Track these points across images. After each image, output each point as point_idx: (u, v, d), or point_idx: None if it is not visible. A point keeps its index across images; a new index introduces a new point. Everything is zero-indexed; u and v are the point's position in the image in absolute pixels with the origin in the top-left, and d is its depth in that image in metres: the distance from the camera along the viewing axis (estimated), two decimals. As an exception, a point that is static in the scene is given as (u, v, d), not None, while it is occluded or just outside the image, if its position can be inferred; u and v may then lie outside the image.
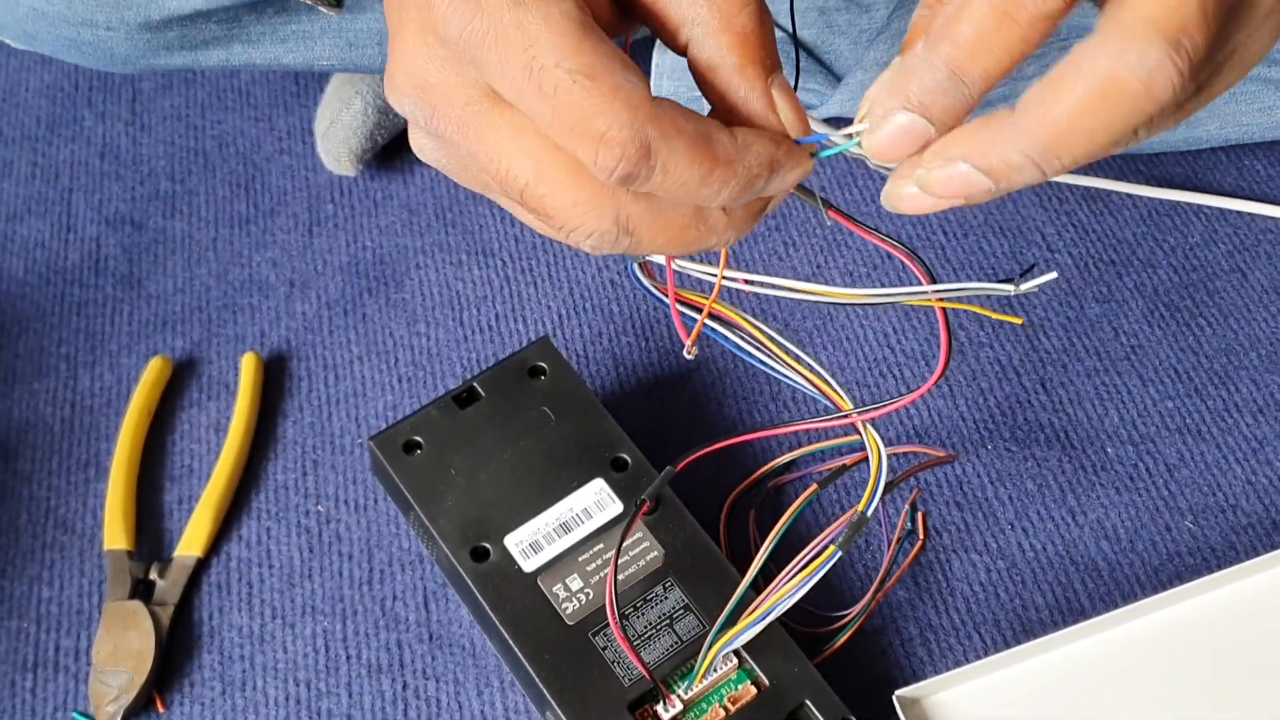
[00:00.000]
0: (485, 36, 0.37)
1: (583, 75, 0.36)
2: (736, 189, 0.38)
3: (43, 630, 0.63)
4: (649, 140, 0.36)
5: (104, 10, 0.68)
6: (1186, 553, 0.64)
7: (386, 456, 0.62)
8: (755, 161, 0.38)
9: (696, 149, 0.37)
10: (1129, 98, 0.34)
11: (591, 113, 0.36)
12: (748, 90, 0.39)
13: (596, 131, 0.36)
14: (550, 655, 0.57)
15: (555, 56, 0.36)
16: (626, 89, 0.36)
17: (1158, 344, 0.71)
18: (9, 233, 0.79)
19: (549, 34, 0.36)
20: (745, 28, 0.39)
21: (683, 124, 0.37)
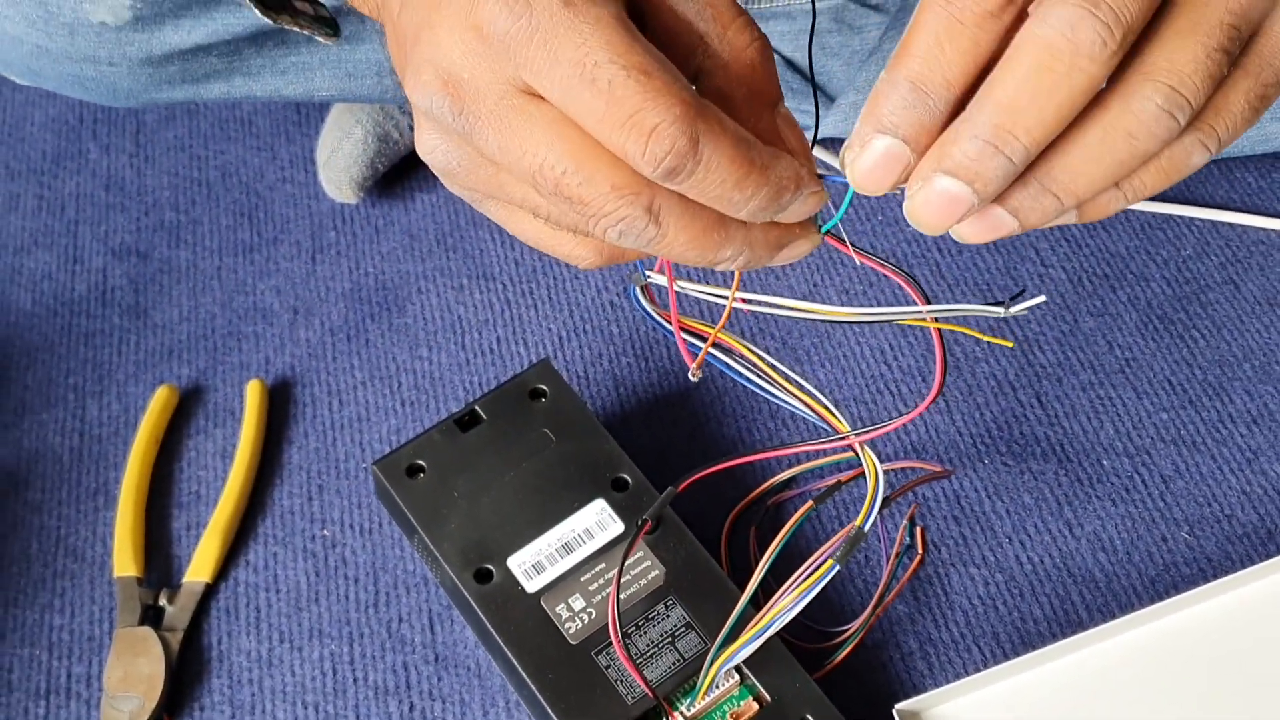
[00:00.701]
0: (535, 34, 0.38)
1: (637, 71, 0.37)
2: (765, 199, 0.39)
3: (55, 657, 0.64)
4: (698, 136, 0.37)
5: (106, 46, 0.69)
6: (1183, 563, 0.65)
7: (390, 480, 0.63)
8: (784, 174, 0.39)
9: (738, 150, 0.38)
10: (1060, 58, 0.35)
11: (645, 106, 0.37)
12: (755, 121, 0.40)
13: (649, 124, 0.37)
14: (554, 675, 0.58)
15: (609, 54, 0.37)
16: (677, 87, 0.37)
17: (1152, 356, 0.72)
18: (16, 265, 0.80)
19: (602, 33, 0.37)
20: (752, 60, 0.40)
21: (728, 124, 0.38)
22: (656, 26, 0.41)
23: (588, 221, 0.40)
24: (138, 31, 0.68)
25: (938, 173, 0.37)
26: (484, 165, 0.42)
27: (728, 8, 0.40)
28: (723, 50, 0.40)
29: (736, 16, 0.40)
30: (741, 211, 0.40)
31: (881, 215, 0.79)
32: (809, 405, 0.65)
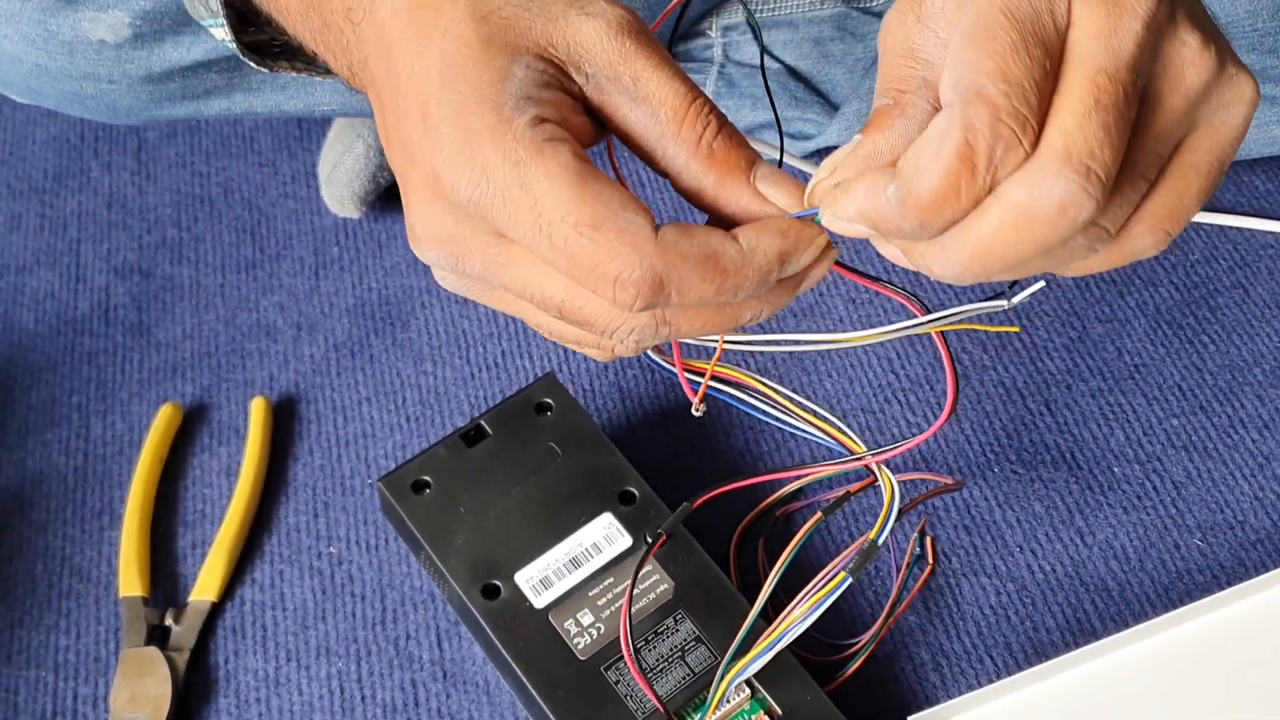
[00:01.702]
0: (493, 200, 0.40)
1: (587, 227, 0.39)
2: (752, 287, 0.41)
3: (61, 679, 0.64)
4: (659, 274, 0.39)
5: (106, 64, 0.69)
6: (1196, 570, 0.64)
7: (396, 497, 0.63)
8: (764, 261, 0.40)
9: (704, 269, 0.40)
10: (1045, 222, 0.37)
11: (602, 260, 0.39)
12: (735, 199, 0.42)
13: (610, 275, 0.39)
14: (564, 691, 0.57)
15: (560, 212, 0.39)
16: (631, 230, 0.39)
17: (1161, 362, 0.72)
18: (19, 285, 0.80)
19: (551, 191, 0.39)
20: (712, 147, 0.41)
21: (688, 249, 0.40)
22: (621, 138, 0.42)
23: (601, 338, 0.43)
24: (137, 49, 0.68)
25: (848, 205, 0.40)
26: (496, 292, 0.45)
27: (676, 104, 0.41)
28: (681, 149, 0.41)
29: (686, 110, 0.41)
30: (736, 301, 0.41)
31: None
32: (821, 429, 0.65)
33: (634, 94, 0.41)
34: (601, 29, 0.41)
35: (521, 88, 0.40)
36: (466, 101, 0.40)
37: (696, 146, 0.41)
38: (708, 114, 0.42)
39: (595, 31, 0.41)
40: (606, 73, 0.41)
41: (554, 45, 0.41)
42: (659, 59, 0.42)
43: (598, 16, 0.41)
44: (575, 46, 0.41)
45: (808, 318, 0.75)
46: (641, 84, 0.41)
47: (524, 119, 0.40)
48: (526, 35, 0.41)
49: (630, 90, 0.41)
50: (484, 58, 0.40)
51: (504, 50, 0.41)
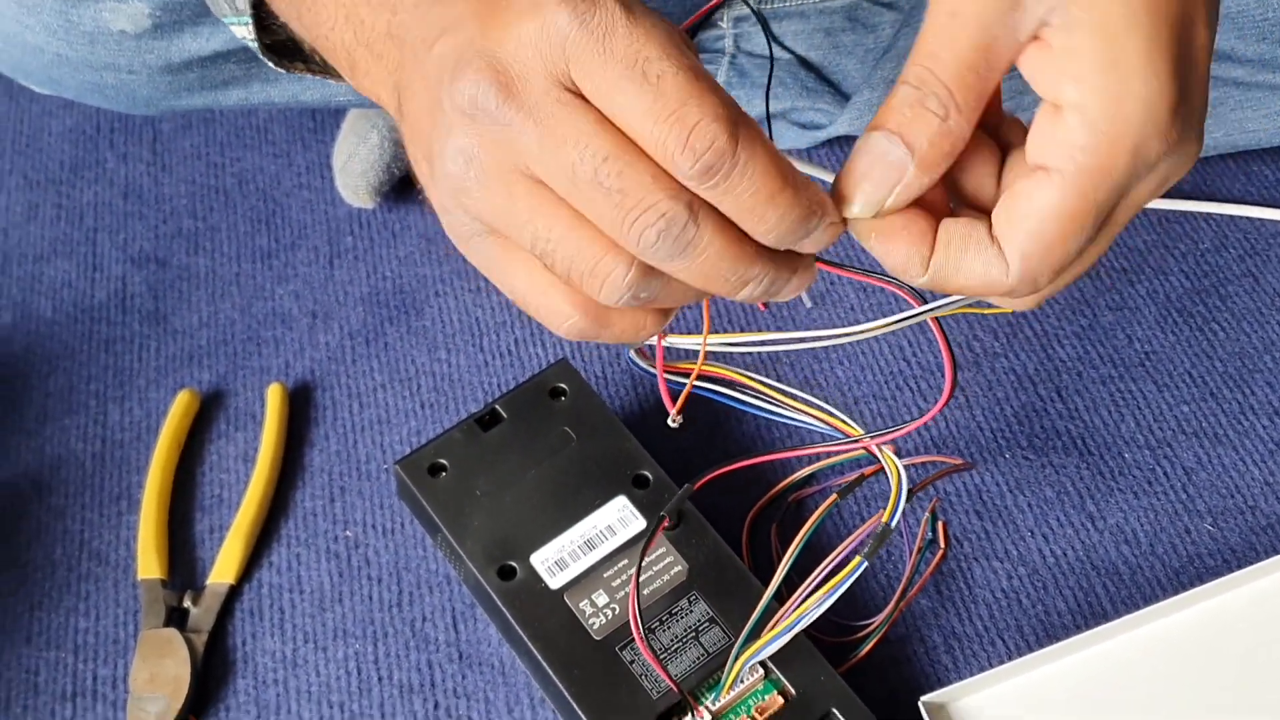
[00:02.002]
0: (594, 32, 0.38)
1: (688, 70, 0.38)
2: (795, 220, 0.40)
3: (80, 660, 0.64)
4: (738, 136, 0.38)
5: (126, 54, 0.69)
6: (1207, 554, 0.65)
7: (412, 479, 0.64)
8: (814, 197, 0.40)
9: (774, 161, 0.39)
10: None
11: (691, 102, 0.38)
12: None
13: (691, 119, 0.38)
14: (579, 670, 0.58)
15: (661, 52, 0.38)
16: (722, 91, 0.39)
17: (1172, 349, 0.72)
18: (37, 274, 0.80)
19: (658, 36, 0.38)
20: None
21: (766, 138, 0.39)
22: None
23: (625, 217, 0.39)
24: (157, 39, 0.68)
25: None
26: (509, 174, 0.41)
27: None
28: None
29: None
30: (770, 232, 0.40)
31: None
32: (819, 418, 0.66)
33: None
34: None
35: None
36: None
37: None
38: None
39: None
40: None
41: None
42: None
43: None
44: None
45: (819, 306, 0.75)
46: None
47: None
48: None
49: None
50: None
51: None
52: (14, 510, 0.70)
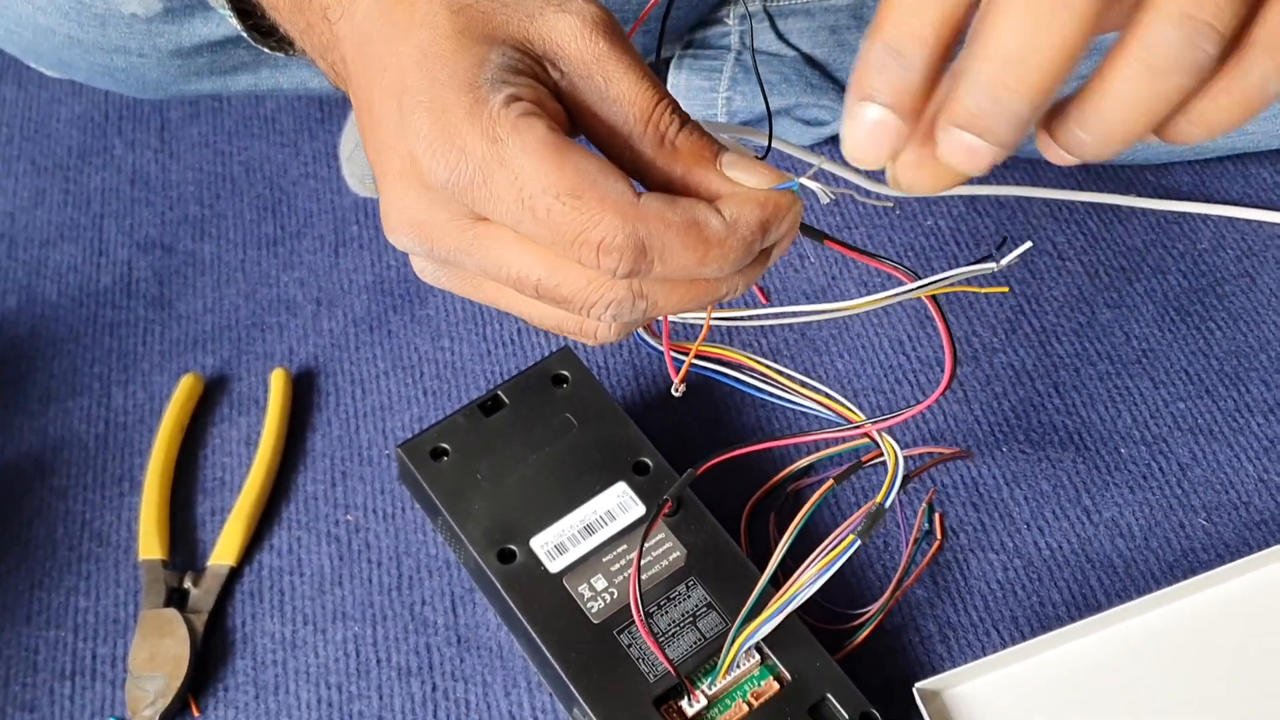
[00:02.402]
0: (473, 178, 0.40)
1: (569, 195, 0.39)
2: (736, 259, 0.41)
3: (80, 639, 0.65)
4: (643, 239, 0.39)
5: (137, 37, 0.70)
6: (1200, 549, 0.65)
7: (414, 463, 0.64)
8: (747, 231, 0.41)
9: (688, 237, 0.40)
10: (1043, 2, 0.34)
11: (585, 226, 0.39)
12: (705, 186, 0.42)
13: (593, 241, 0.39)
14: (576, 653, 0.58)
15: (541, 184, 0.39)
16: (613, 196, 0.39)
17: (1168, 347, 0.73)
18: (43, 258, 0.81)
19: (531, 163, 0.39)
20: (672, 139, 0.42)
21: (671, 216, 0.40)
22: (588, 135, 0.43)
23: (580, 313, 0.42)
24: (168, 23, 0.69)
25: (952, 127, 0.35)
26: (473, 279, 0.45)
27: (645, 104, 0.42)
28: (647, 146, 0.42)
29: (652, 109, 0.42)
30: (720, 275, 0.42)
31: (883, 217, 0.80)
32: (820, 402, 0.66)
33: (604, 94, 0.42)
34: (576, 26, 0.42)
35: (497, 71, 0.41)
36: (442, 85, 0.40)
37: (661, 144, 0.42)
38: (672, 113, 0.42)
39: (570, 29, 0.42)
40: (580, 71, 0.42)
41: (530, 40, 0.42)
42: (631, 60, 0.42)
43: (574, 14, 0.42)
44: (550, 43, 0.42)
45: (821, 298, 0.76)
46: (613, 84, 0.42)
47: (499, 97, 0.40)
48: (503, 29, 0.42)
49: (602, 90, 0.42)
50: (460, 45, 0.41)
51: (480, 39, 0.41)
52: (16, 490, 0.70)
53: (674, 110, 0.42)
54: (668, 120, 0.42)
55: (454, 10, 0.42)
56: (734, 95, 0.80)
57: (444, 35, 0.41)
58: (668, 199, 0.40)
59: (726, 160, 0.42)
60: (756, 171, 0.42)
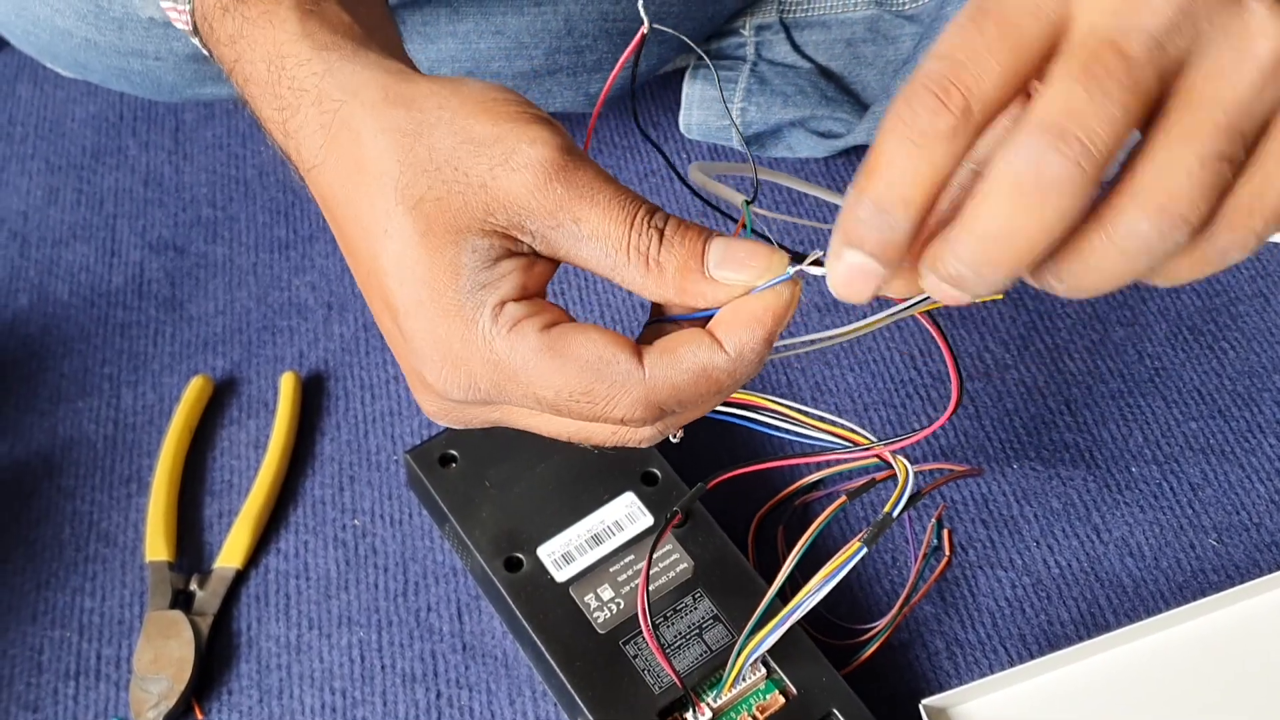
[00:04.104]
0: (488, 394, 0.42)
1: (581, 395, 0.41)
2: (748, 378, 0.42)
3: (85, 639, 0.65)
4: (657, 404, 0.41)
5: (154, 41, 0.70)
6: (1211, 570, 0.65)
7: (422, 469, 0.64)
8: (753, 355, 0.42)
9: (700, 386, 0.41)
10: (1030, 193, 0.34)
11: (604, 412, 0.41)
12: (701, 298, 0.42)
13: (615, 419, 0.42)
14: (582, 663, 0.58)
15: (553, 389, 0.41)
16: (619, 380, 0.41)
17: (1181, 366, 0.72)
18: (55, 257, 0.81)
19: (536, 374, 0.41)
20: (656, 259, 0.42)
21: (678, 377, 0.41)
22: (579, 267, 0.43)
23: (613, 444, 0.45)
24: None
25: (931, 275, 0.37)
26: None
27: (618, 233, 0.42)
28: (634, 272, 0.42)
29: (628, 234, 0.42)
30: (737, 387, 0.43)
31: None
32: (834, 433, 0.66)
33: (578, 235, 0.41)
34: (531, 182, 0.41)
35: (473, 276, 0.41)
36: (429, 310, 0.41)
37: (647, 266, 0.42)
38: (648, 229, 0.42)
39: (525, 186, 0.41)
40: (549, 223, 0.41)
41: (492, 214, 0.41)
42: (593, 190, 0.41)
43: (524, 169, 0.41)
44: (512, 209, 0.41)
45: (831, 312, 0.75)
46: (584, 224, 0.41)
47: (485, 314, 0.41)
48: (463, 214, 0.41)
49: (575, 233, 0.41)
50: (430, 255, 0.41)
51: (446, 238, 0.41)
52: (24, 489, 0.70)
53: (650, 225, 0.42)
54: (647, 240, 0.42)
55: (410, 207, 0.41)
56: (748, 106, 0.80)
57: (412, 245, 0.41)
58: (671, 357, 0.41)
59: (714, 260, 0.42)
60: (745, 267, 0.41)
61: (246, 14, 0.47)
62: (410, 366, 0.44)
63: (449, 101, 0.42)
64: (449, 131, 0.42)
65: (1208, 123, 0.34)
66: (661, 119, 0.86)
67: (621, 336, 0.42)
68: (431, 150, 0.42)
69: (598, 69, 0.77)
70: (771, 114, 0.80)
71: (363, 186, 0.42)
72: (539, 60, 0.76)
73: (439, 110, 0.42)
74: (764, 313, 0.41)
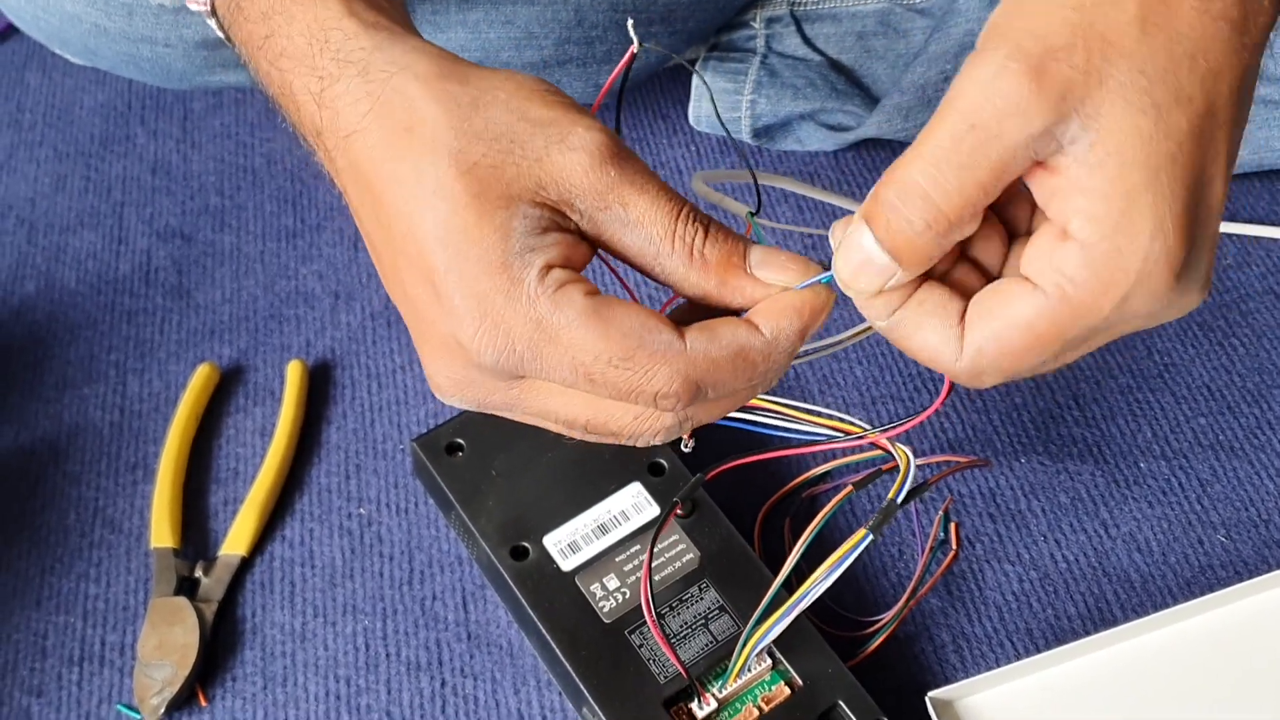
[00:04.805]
0: (523, 357, 0.42)
1: (621, 360, 0.41)
2: (781, 370, 0.43)
3: (89, 625, 0.65)
4: (695, 380, 0.41)
5: (163, 28, 0.70)
6: (1219, 565, 0.65)
7: (429, 457, 0.64)
8: (788, 343, 0.42)
9: (736, 366, 0.42)
10: None
11: (641, 383, 0.41)
12: (740, 294, 0.43)
13: (650, 392, 0.41)
14: (587, 652, 0.58)
15: (592, 354, 0.41)
16: (661, 350, 0.41)
17: (1190, 362, 0.72)
18: (63, 244, 0.81)
19: (578, 337, 0.41)
20: (700, 250, 0.42)
21: (717, 353, 0.41)
22: (620, 258, 0.43)
23: (625, 441, 0.45)
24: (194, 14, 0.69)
25: None
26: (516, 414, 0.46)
27: (665, 222, 0.42)
28: (678, 262, 0.42)
29: (675, 224, 0.42)
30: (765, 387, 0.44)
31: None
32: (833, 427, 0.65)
33: (625, 220, 0.42)
34: (585, 162, 0.42)
35: (523, 240, 0.41)
36: (474, 267, 0.41)
37: (690, 257, 0.42)
38: (694, 222, 0.42)
39: (579, 166, 0.42)
40: (597, 204, 0.42)
41: (544, 188, 0.42)
42: (643, 179, 0.42)
43: (579, 149, 0.42)
44: (564, 185, 0.42)
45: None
46: (631, 209, 0.42)
47: (533, 274, 0.41)
48: (516, 183, 0.41)
49: (622, 217, 0.42)
50: (480, 216, 0.41)
51: (498, 203, 0.41)
52: (30, 475, 0.70)
53: (695, 219, 0.43)
54: (692, 232, 0.42)
55: (464, 170, 0.41)
56: (758, 99, 0.80)
57: (462, 205, 0.41)
58: (710, 334, 0.42)
59: (755, 260, 0.43)
60: (786, 269, 0.43)
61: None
62: (440, 332, 0.43)
63: (505, 84, 0.43)
64: (506, 109, 0.42)
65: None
66: (671, 111, 0.86)
67: (662, 315, 0.42)
68: (489, 122, 0.42)
69: (607, 60, 0.77)
70: (781, 107, 0.80)
71: (413, 149, 0.42)
72: (549, 51, 0.76)
73: (495, 90, 0.43)
74: (803, 305, 0.42)
